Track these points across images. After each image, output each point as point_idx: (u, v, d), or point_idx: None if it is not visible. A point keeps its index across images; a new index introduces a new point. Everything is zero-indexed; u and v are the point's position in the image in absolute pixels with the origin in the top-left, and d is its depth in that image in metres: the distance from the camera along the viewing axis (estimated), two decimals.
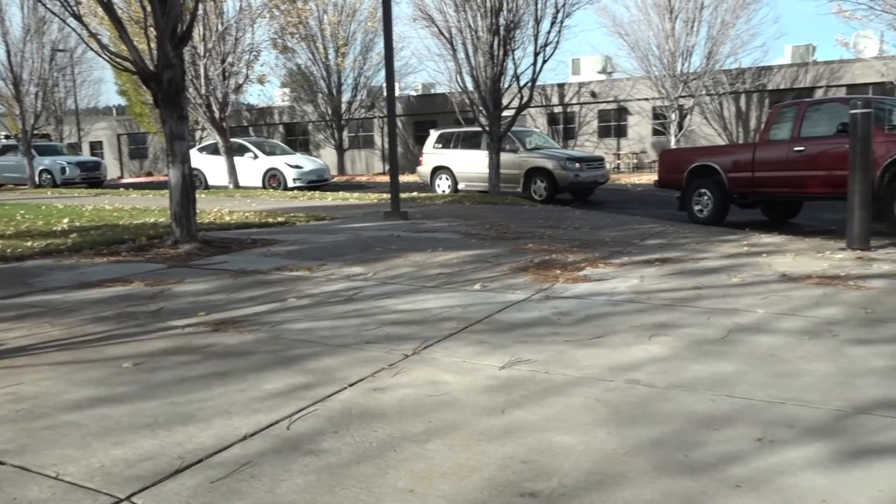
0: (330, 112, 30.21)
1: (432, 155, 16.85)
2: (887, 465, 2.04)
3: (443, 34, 14.43)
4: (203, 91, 16.82)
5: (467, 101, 14.98)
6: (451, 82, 15.92)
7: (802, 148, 8.88)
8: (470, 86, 14.59)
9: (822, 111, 9.04)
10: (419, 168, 17.59)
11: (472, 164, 15.63)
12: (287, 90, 35.65)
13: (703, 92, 28.85)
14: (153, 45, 6.93)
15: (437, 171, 16.68)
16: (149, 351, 3.35)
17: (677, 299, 4.29)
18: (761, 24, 54.18)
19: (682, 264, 5.57)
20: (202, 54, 16.39)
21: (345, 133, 31.38)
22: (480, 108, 14.53)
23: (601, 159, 15.58)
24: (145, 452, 2.21)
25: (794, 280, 4.81)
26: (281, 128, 40.16)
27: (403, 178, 29.06)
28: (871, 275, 4.98)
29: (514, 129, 15.94)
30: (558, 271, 5.28)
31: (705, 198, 10.06)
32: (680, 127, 28.98)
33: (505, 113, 14.56)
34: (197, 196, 7.40)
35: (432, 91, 35.77)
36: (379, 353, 3.26)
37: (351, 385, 2.82)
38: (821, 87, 29.13)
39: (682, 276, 5.07)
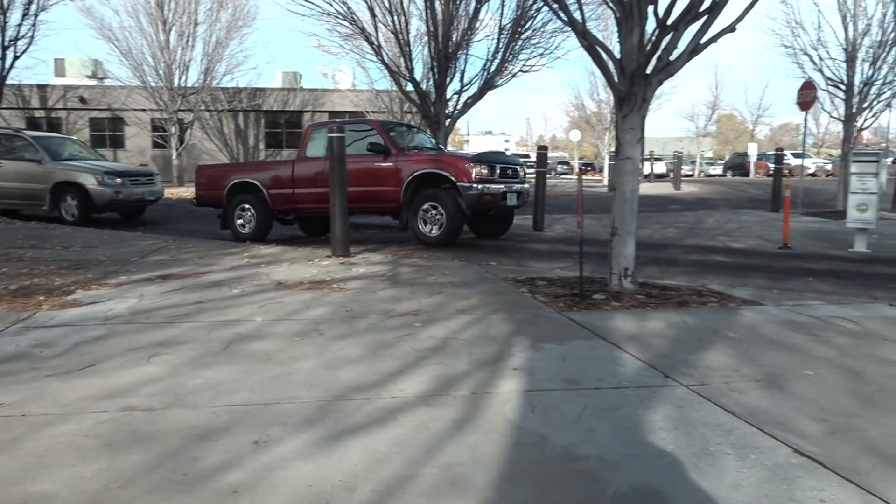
0: None
1: None
2: (359, 440, 2.37)
3: None
4: None
5: None
6: None
7: None
8: None
9: (352, 132, 9.73)
10: None
11: None
12: None
13: (203, 107, 29.17)
14: None
15: None
16: None
17: (179, 315, 4.22)
18: (253, 47, 57.68)
19: (185, 279, 5.50)
20: None
21: None
22: None
23: (152, 174, 13.76)
24: None
25: (289, 287, 5.22)
26: None
27: None
28: (350, 277, 5.73)
29: (38, 134, 13.36)
30: (42, 297, 4.65)
31: (248, 214, 10.01)
32: (181, 140, 28.71)
33: None
34: None
35: None
36: None
37: None
38: (308, 111, 32.46)
39: (185, 291, 5.02)
